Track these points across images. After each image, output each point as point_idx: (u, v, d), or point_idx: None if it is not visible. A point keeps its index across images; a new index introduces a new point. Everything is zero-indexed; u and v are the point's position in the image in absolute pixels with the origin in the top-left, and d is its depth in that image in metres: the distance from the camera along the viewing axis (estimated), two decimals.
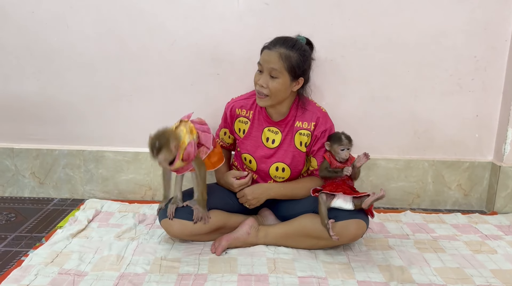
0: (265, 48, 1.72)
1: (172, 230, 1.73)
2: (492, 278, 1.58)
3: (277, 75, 1.68)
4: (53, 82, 2.20)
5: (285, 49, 1.67)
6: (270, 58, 1.68)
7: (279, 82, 1.69)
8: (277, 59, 1.66)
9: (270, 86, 1.69)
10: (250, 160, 1.85)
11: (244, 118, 1.85)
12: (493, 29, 2.11)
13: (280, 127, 1.82)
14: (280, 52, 1.67)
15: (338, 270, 1.61)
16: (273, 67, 1.67)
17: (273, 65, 1.67)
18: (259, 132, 1.84)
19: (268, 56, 1.69)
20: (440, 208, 2.31)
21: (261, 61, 1.71)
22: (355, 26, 2.10)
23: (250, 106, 1.86)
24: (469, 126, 2.24)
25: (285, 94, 1.75)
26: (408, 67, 2.15)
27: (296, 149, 1.81)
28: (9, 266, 1.62)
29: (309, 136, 1.80)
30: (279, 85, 1.69)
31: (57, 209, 2.17)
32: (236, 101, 1.88)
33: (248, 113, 1.85)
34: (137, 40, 2.13)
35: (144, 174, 2.29)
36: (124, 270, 1.57)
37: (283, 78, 1.69)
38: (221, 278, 1.54)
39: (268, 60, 1.68)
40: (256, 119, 1.84)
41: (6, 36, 2.15)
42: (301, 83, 1.76)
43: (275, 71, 1.67)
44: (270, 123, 1.83)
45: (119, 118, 2.24)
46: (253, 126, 1.85)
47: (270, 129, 1.83)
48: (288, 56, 1.67)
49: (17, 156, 2.28)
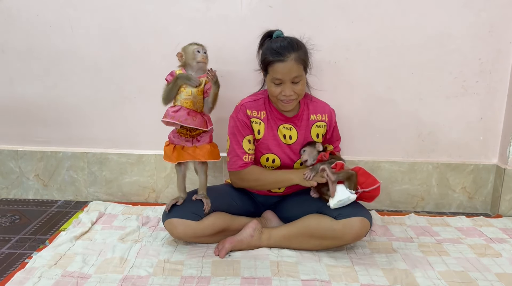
0: (275, 62, 1.68)
1: (175, 231, 1.73)
2: (497, 282, 1.56)
3: (300, 79, 1.71)
4: (58, 84, 2.21)
5: (295, 52, 1.68)
6: (291, 68, 1.67)
7: (302, 83, 1.73)
8: (296, 66, 1.68)
9: (296, 91, 1.71)
10: (273, 159, 1.83)
11: (256, 119, 1.83)
12: (498, 32, 2.10)
13: (294, 123, 1.83)
14: (294, 58, 1.67)
15: (342, 273, 1.60)
16: (296, 76, 1.69)
17: (295, 74, 1.69)
18: (275, 131, 1.84)
19: (286, 68, 1.67)
20: (445, 211, 2.30)
21: (280, 76, 1.68)
22: (359, 29, 2.10)
23: (260, 107, 1.83)
24: (473, 129, 2.23)
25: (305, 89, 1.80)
26: (412, 70, 2.15)
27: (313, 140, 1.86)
28: (13, 268, 1.62)
29: (325, 127, 1.87)
30: (303, 87, 1.74)
31: (61, 211, 2.18)
32: (243, 105, 1.83)
33: (259, 114, 1.84)
34: (141, 42, 2.14)
35: (148, 176, 2.29)
36: (127, 273, 1.58)
37: (303, 78, 1.73)
38: (224, 281, 1.54)
39: (288, 72, 1.68)
40: (270, 119, 1.84)
41: (12, 39, 2.16)
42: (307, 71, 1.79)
43: (298, 77, 1.70)
44: (285, 120, 1.83)
45: (123, 121, 2.24)
46: (268, 126, 1.83)
47: (285, 126, 1.83)
48: (300, 58, 1.69)
49: (22, 158, 2.29)
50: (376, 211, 2.18)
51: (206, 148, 1.79)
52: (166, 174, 2.28)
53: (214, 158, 1.81)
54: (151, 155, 2.26)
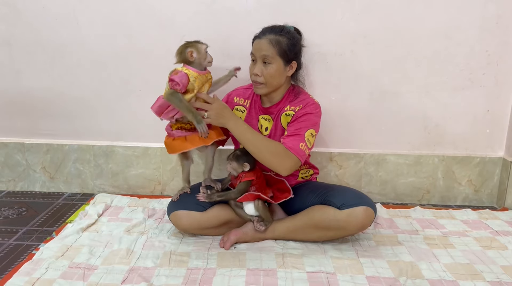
0: (255, 38, 1.75)
1: (180, 223, 1.74)
2: (503, 274, 1.56)
3: (270, 61, 1.69)
4: (64, 77, 2.21)
5: (274, 35, 1.70)
6: (261, 46, 1.70)
7: (273, 67, 1.70)
8: (267, 45, 1.69)
9: (264, 73, 1.71)
10: None
11: (241, 107, 1.86)
12: (505, 24, 2.08)
13: (272, 114, 1.81)
14: (269, 38, 1.69)
15: (347, 265, 1.61)
16: (265, 54, 1.69)
17: (265, 52, 1.69)
18: (256, 120, 1.84)
19: (259, 44, 1.71)
20: (450, 204, 2.29)
21: (253, 51, 1.74)
22: (365, 21, 2.08)
23: (248, 95, 1.88)
24: (480, 122, 2.21)
25: (281, 80, 1.75)
26: (418, 62, 2.13)
27: (284, 130, 1.77)
28: (20, 259, 1.64)
29: (291, 116, 1.75)
30: (273, 71, 1.71)
31: (68, 203, 2.19)
32: (234, 90, 1.93)
33: (245, 102, 1.87)
34: (146, 35, 2.14)
35: (154, 169, 2.30)
36: (133, 264, 1.59)
37: (276, 64, 1.70)
38: (229, 272, 1.54)
39: (259, 48, 1.70)
40: (253, 108, 1.85)
41: (17, 32, 2.16)
42: (294, 67, 1.77)
43: (268, 57, 1.69)
44: (263, 111, 1.83)
45: (129, 113, 2.25)
46: (250, 115, 1.85)
47: (264, 117, 1.83)
48: (278, 41, 1.69)
49: (28, 151, 2.31)
50: (381, 204, 2.18)
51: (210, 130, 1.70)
52: (171, 167, 2.28)
53: (221, 135, 1.75)
54: (157, 147, 2.27)
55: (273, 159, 1.66)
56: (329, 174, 2.27)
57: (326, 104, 2.17)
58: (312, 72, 2.13)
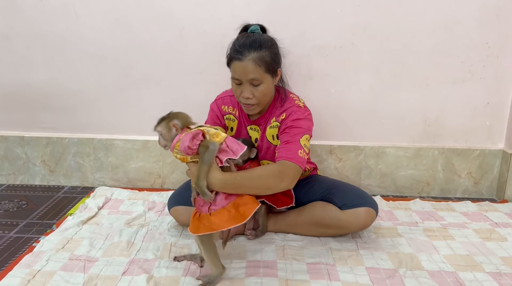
0: (234, 60, 1.57)
1: (181, 218, 1.76)
2: (502, 265, 1.57)
3: (260, 81, 1.57)
4: (63, 71, 2.21)
5: (255, 52, 1.54)
6: (246, 69, 1.54)
7: (263, 87, 1.58)
8: (253, 67, 1.54)
9: (256, 94, 1.59)
10: None
11: (231, 115, 1.78)
12: (506, 16, 2.08)
13: (260, 125, 1.74)
14: (252, 58, 1.53)
15: (347, 257, 1.61)
16: (253, 78, 1.55)
17: (252, 75, 1.55)
18: (245, 130, 1.78)
19: (241, 68, 1.55)
20: (450, 196, 2.29)
21: (237, 75, 1.57)
22: (365, 13, 2.08)
23: (235, 103, 1.77)
24: (480, 114, 2.21)
25: (272, 93, 1.68)
26: (419, 54, 2.13)
27: (270, 143, 1.72)
28: (21, 252, 1.64)
29: (277, 127, 1.67)
30: (264, 89, 1.59)
31: (68, 196, 2.19)
32: (221, 98, 1.80)
33: (234, 111, 1.78)
34: (146, 28, 2.13)
35: (153, 162, 2.30)
36: (134, 256, 1.59)
37: (266, 81, 1.58)
38: (229, 264, 1.55)
39: (244, 72, 1.55)
40: (242, 117, 1.78)
41: (16, 26, 2.16)
42: (280, 73, 1.67)
43: (257, 80, 1.56)
44: (250, 122, 1.76)
45: (128, 107, 2.25)
46: (240, 124, 1.78)
47: (252, 127, 1.76)
48: (261, 58, 1.54)
49: (28, 144, 2.31)
50: (381, 196, 2.19)
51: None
52: (171, 160, 2.28)
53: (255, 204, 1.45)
54: (156, 141, 2.26)
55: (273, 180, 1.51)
56: (329, 166, 2.27)
57: (326, 96, 2.18)
58: (312, 65, 2.13)
